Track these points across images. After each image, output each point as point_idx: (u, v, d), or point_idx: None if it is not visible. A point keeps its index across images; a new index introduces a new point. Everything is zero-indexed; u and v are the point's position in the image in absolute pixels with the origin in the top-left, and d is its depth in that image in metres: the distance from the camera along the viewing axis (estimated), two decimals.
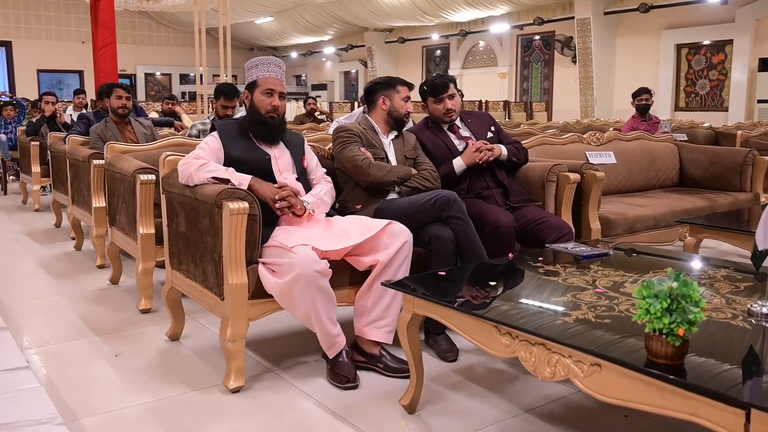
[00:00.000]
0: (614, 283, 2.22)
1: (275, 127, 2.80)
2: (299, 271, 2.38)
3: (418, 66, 17.86)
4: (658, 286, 1.58)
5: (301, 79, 21.95)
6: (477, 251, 2.81)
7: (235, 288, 2.45)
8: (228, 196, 2.44)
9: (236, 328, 2.46)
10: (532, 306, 2.06)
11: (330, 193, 2.93)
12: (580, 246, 2.78)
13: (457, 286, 2.34)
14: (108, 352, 2.89)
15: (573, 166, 3.53)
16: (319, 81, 20.52)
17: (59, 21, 18.42)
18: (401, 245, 2.65)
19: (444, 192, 2.87)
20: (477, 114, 3.60)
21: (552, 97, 15.05)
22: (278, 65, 2.86)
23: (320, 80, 20.62)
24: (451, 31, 16.45)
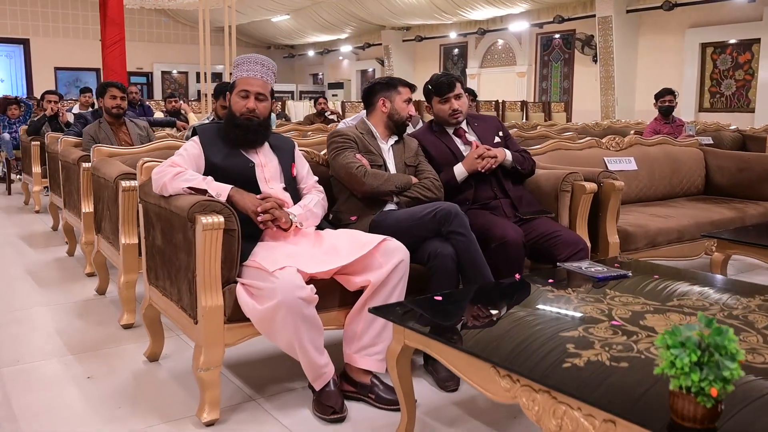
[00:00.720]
0: (633, 314, 1.96)
1: (250, 131, 2.55)
2: (281, 299, 2.14)
3: (435, 65, 17.55)
4: (686, 333, 1.31)
5: (317, 77, 21.75)
6: (480, 270, 2.55)
7: (209, 311, 2.21)
8: (202, 209, 2.20)
9: (210, 356, 2.23)
10: (537, 342, 1.80)
11: (321, 204, 2.68)
12: (595, 265, 2.51)
13: (454, 314, 2.08)
14: (80, 374, 2.68)
15: (589, 174, 3.25)
16: (336, 80, 20.29)
17: (77, 19, 18.36)
18: (396, 265, 2.39)
19: (444, 204, 2.61)
20: (484, 117, 3.33)
21: (572, 98, 14.68)
22: (260, 63, 2.60)
23: (337, 79, 20.39)
24: (469, 29, 16.13)
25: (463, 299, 2.22)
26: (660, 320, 1.91)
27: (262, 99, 2.57)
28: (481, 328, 1.94)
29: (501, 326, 1.96)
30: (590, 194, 3.09)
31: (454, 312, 2.09)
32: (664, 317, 1.93)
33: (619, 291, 2.22)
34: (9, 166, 7.53)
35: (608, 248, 3.23)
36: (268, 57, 2.67)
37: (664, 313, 1.97)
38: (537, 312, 2.05)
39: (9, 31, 17.58)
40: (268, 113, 2.62)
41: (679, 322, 1.89)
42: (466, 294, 2.30)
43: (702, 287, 2.30)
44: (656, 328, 1.84)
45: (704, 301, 2.10)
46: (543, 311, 2.05)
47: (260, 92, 2.56)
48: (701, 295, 2.16)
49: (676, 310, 2.00)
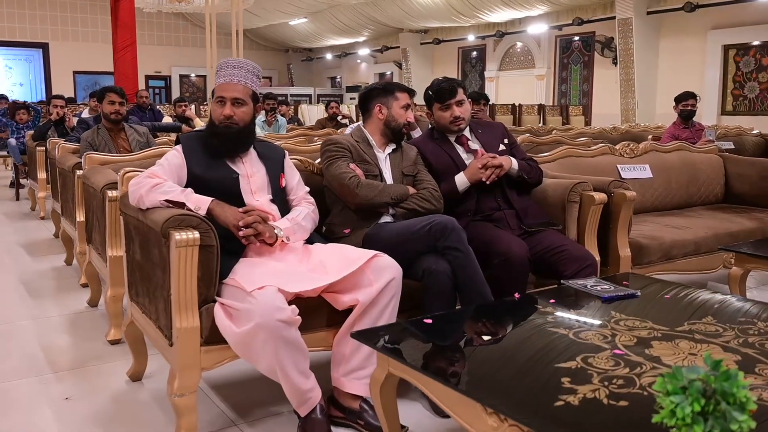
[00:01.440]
0: (638, 341, 1.79)
1: (229, 139, 2.41)
2: (259, 321, 1.99)
3: (453, 67, 17.39)
4: (689, 376, 1.14)
5: (335, 80, 21.68)
6: (478, 288, 2.39)
7: (184, 332, 2.07)
8: (176, 224, 2.07)
9: (185, 380, 2.09)
10: (531, 375, 1.64)
11: (310, 216, 2.54)
12: (602, 283, 2.34)
13: (443, 340, 1.91)
14: (58, 395, 2.55)
15: (599, 183, 3.08)
16: (354, 83, 20.19)
17: (95, 23, 18.46)
18: (386, 283, 2.24)
19: (440, 218, 2.46)
20: (489, 124, 3.17)
21: (591, 101, 14.44)
22: (237, 66, 2.45)
23: (355, 82, 20.29)
24: (487, 32, 15.94)
25: (455, 322, 2.06)
26: (668, 349, 1.74)
27: (240, 104, 2.43)
28: (471, 359, 1.77)
29: (492, 356, 1.80)
30: (599, 205, 2.91)
31: (444, 337, 1.93)
32: (673, 345, 1.76)
33: (626, 313, 2.05)
34: (17, 172, 7.50)
35: (619, 263, 3.05)
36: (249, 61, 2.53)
37: (672, 341, 1.79)
38: (533, 338, 1.89)
39: (28, 36, 17.73)
40: (250, 119, 2.47)
41: (689, 351, 1.72)
42: (459, 316, 2.13)
43: (716, 308, 2.12)
44: (663, 358, 1.67)
45: (717, 325, 1.92)
46: (540, 337, 1.88)
47: (237, 97, 2.42)
48: (715, 318, 1.98)
49: (686, 336, 1.83)
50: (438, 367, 1.71)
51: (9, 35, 17.54)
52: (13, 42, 17.72)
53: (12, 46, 17.87)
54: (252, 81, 2.49)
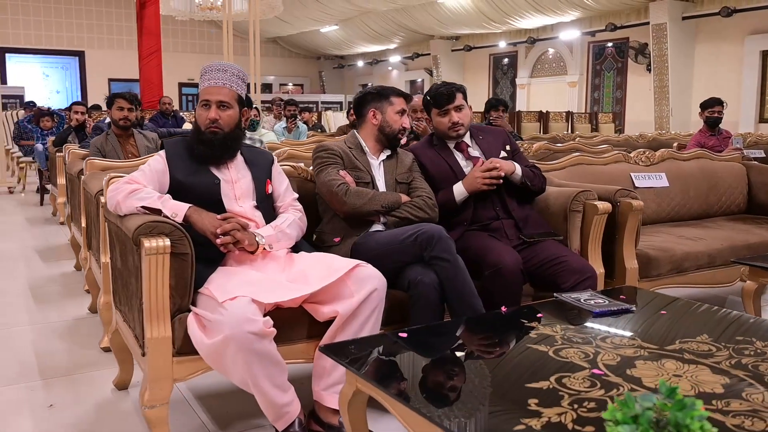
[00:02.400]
0: (621, 360, 1.68)
1: (215, 146, 2.36)
2: (228, 333, 1.93)
3: (485, 75, 17.24)
4: (642, 404, 1.04)
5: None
6: (467, 300, 2.30)
7: (155, 342, 2.02)
8: (148, 231, 2.02)
9: (156, 391, 2.03)
10: (498, 395, 1.54)
11: (297, 224, 2.47)
12: (597, 297, 2.23)
13: (414, 356, 1.82)
14: (42, 402, 2.53)
15: (605, 192, 2.95)
16: None
17: (130, 31, 18.70)
18: (368, 294, 2.16)
19: (427, 226, 2.37)
20: (490, 130, 3.06)
21: (624, 108, 14.14)
22: (222, 69, 2.40)
23: None
24: (518, 38, 15.76)
25: (431, 336, 1.96)
26: (651, 369, 1.62)
27: (225, 107, 2.38)
28: (440, 377, 1.67)
29: (464, 374, 1.70)
30: (603, 215, 2.79)
31: (417, 353, 1.83)
32: (657, 365, 1.64)
33: (615, 329, 1.94)
34: (41, 177, 7.62)
35: (625, 275, 2.92)
36: (234, 64, 2.48)
37: (658, 360, 1.68)
38: (511, 355, 1.79)
39: (65, 44, 18.12)
40: (236, 123, 2.42)
41: (674, 372, 1.61)
42: (437, 330, 2.04)
43: (714, 325, 1.99)
44: (644, 379, 1.56)
45: (711, 344, 1.79)
46: (518, 354, 1.78)
47: (222, 100, 2.37)
48: (710, 337, 1.85)
49: (674, 355, 1.71)
50: (402, 385, 1.62)
51: (46, 43, 17.95)
52: (50, 50, 18.13)
53: (49, 54, 18.29)
54: (237, 85, 2.44)
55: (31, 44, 17.93)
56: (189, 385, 2.63)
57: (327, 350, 1.79)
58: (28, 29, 17.80)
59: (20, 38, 17.76)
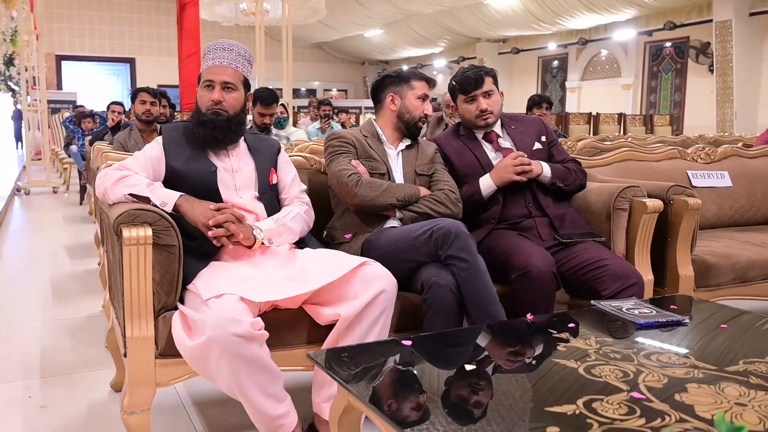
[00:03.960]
0: (669, 382, 1.38)
1: (218, 128, 2.13)
2: (211, 335, 1.71)
3: (533, 78, 16.82)
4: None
5: None
6: (486, 307, 2.02)
7: (136, 343, 1.82)
8: (130, 220, 1.81)
9: (137, 396, 1.83)
10: (511, 423, 1.26)
11: (301, 217, 2.22)
12: (643, 306, 1.92)
13: (417, 369, 1.54)
14: (37, 402, 2.37)
15: (656, 189, 2.63)
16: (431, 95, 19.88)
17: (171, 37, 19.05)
18: (374, 296, 1.91)
19: (443, 222, 2.10)
20: (524, 118, 2.77)
21: (683, 111, 13.53)
22: (228, 48, 2.18)
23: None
24: (569, 39, 15.29)
25: (440, 346, 1.68)
26: (707, 395, 1.32)
27: (230, 89, 2.16)
28: (445, 396, 1.40)
29: (473, 394, 1.42)
30: (653, 214, 2.47)
31: (420, 365, 1.56)
32: (715, 391, 1.34)
33: (664, 345, 1.63)
34: (81, 176, 7.64)
35: (678, 284, 2.58)
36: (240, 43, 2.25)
37: (716, 384, 1.37)
38: (530, 372, 1.51)
39: (117, 51, 18.45)
40: (241, 106, 2.20)
41: (737, 399, 1.30)
42: (447, 339, 1.75)
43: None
44: (697, 407, 1.26)
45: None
46: (541, 371, 1.50)
47: (227, 81, 2.15)
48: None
49: (737, 378, 1.40)
50: (399, 405, 1.35)
51: (99, 51, 18.30)
52: (103, 57, 18.48)
53: (102, 60, 18.64)
54: (243, 66, 2.22)
55: (85, 52, 18.31)
56: (189, 389, 2.43)
57: (315, 357, 1.54)
58: (82, 37, 18.19)
59: (75, 46, 18.16)
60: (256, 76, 7.33)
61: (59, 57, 17.97)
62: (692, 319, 1.86)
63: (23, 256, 5.04)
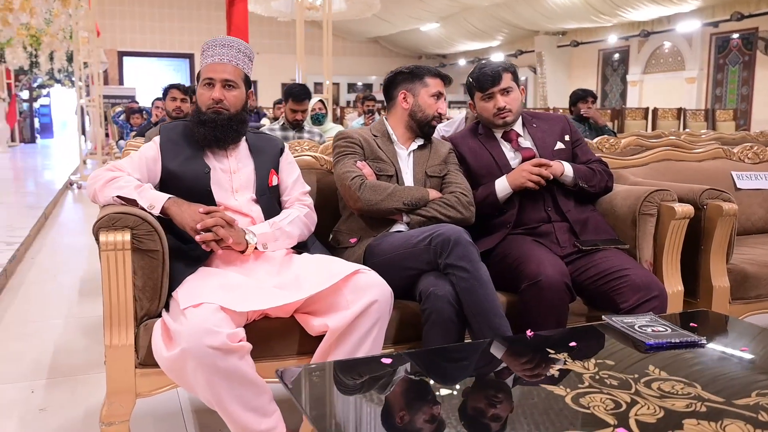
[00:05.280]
0: (665, 416, 1.23)
1: (218, 127, 2.06)
2: (185, 346, 1.63)
3: (593, 71, 16.30)
4: None
5: None
6: (488, 320, 1.88)
7: (115, 351, 1.76)
8: (110, 224, 1.75)
9: (115, 407, 1.77)
10: None
11: (301, 221, 2.13)
12: (659, 322, 1.75)
13: (387, 390, 1.42)
14: (37, 404, 2.36)
15: (688, 192, 2.44)
16: None
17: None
18: (366, 306, 1.80)
19: (444, 228, 1.97)
20: (547, 116, 2.60)
21: (751, 106, 12.85)
22: (228, 45, 2.11)
23: None
24: (630, 31, 14.74)
25: (421, 365, 1.55)
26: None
27: (231, 87, 2.09)
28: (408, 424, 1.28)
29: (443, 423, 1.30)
30: (682, 220, 2.28)
31: (391, 386, 1.44)
32: (715, 429, 1.18)
33: (671, 370, 1.47)
34: None
35: (711, 296, 2.39)
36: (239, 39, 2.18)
37: (719, 420, 1.21)
38: (511, 399, 1.37)
39: (177, 47, 18.81)
40: (242, 104, 2.12)
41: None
42: (433, 356, 1.62)
43: None
44: None
45: None
46: (523, 398, 1.36)
47: (228, 79, 2.08)
48: None
49: (745, 414, 1.23)
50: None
51: (159, 47, 18.70)
52: (163, 53, 18.87)
53: (161, 56, 19.04)
54: (244, 63, 2.15)
55: (146, 48, 18.73)
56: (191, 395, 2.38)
57: (283, 374, 1.43)
58: (143, 33, 18.61)
59: (136, 42, 18.59)
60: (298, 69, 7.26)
61: (121, 53, 18.43)
62: (712, 339, 1.68)
63: (62, 250, 5.13)
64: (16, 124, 16.30)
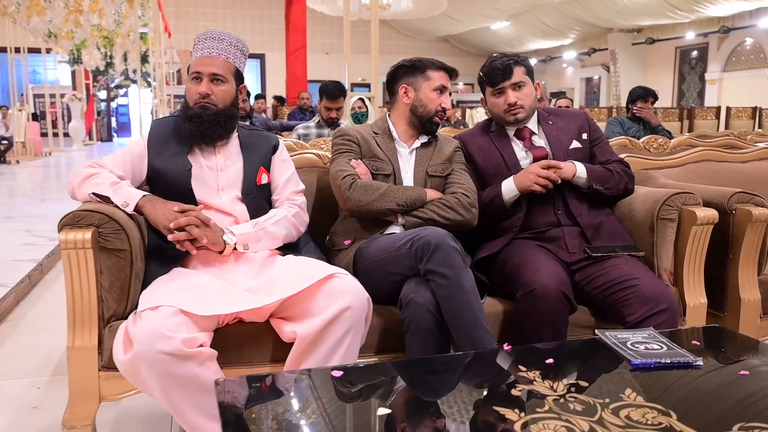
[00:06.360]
0: None
1: (205, 122, 1.99)
2: (137, 351, 1.58)
3: (669, 70, 15.62)
4: None
5: None
6: (469, 330, 1.74)
7: (78, 353, 1.72)
8: (74, 222, 1.72)
9: (78, 410, 1.73)
10: None
11: (287, 221, 2.04)
12: (656, 339, 1.58)
13: (319, 411, 1.30)
14: (32, 402, 2.36)
15: (716, 196, 2.22)
16: (559, 88, 19.09)
17: None
18: (337, 313, 1.70)
19: (427, 231, 1.84)
20: (564, 113, 2.41)
21: None
22: (217, 38, 2.03)
23: (560, 87, 19.18)
24: (709, 27, 14.05)
25: (371, 379, 1.42)
26: None
27: (219, 81, 2.02)
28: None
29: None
30: (704, 226, 2.07)
31: (330, 405, 1.32)
32: None
33: (650, 394, 1.30)
34: None
35: (739, 309, 2.16)
36: (232, 33, 2.11)
37: None
38: (452, 424, 1.23)
39: (249, 47, 19.21)
40: (231, 100, 2.05)
41: None
42: (386, 370, 1.48)
43: None
44: None
45: None
46: (463, 422, 1.23)
47: (216, 73, 2.01)
48: None
49: None
50: None
51: None
52: None
53: None
54: (234, 56, 2.08)
55: None
56: None
57: (222, 383, 1.34)
58: None
59: None
60: (346, 67, 7.21)
61: None
62: (712, 360, 1.49)
63: None
64: (94, 123, 16.98)
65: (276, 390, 1.35)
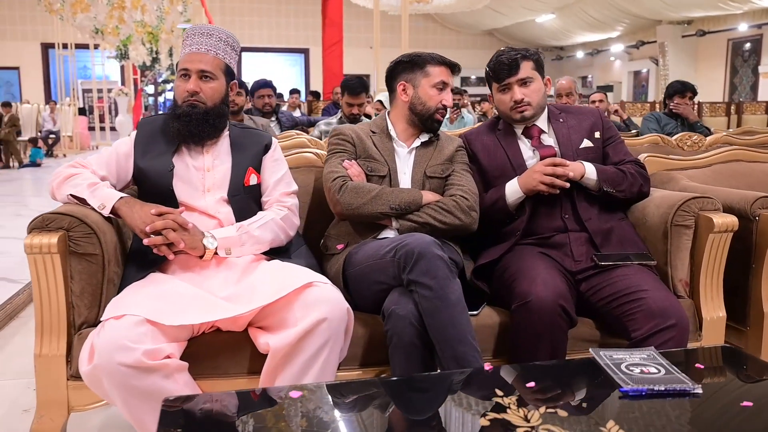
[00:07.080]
0: None
1: (192, 121, 1.90)
2: (97, 362, 1.51)
3: (721, 63, 15.01)
4: None
5: (586, 80, 20.18)
6: (453, 346, 1.63)
7: (45, 361, 1.67)
8: (43, 225, 1.66)
9: (45, 420, 1.68)
10: None
11: (275, 224, 1.93)
12: (655, 362, 1.43)
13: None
14: (24, 404, 2.32)
15: (739, 201, 2.05)
16: (606, 82, 18.59)
17: (349, 28, 19.33)
18: (313, 325, 1.60)
19: (411, 238, 1.73)
20: (577, 110, 2.25)
21: None
22: (207, 34, 1.94)
23: (607, 81, 18.67)
24: (763, 19, 13.42)
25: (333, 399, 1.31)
26: None
27: (208, 78, 1.93)
28: None
29: None
30: (723, 233, 1.90)
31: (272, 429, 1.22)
32: None
33: (635, 427, 1.17)
34: None
35: (763, 322, 1.98)
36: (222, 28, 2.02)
37: None
38: None
39: (292, 42, 19.30)
40: (221, 97, 1.97)
41: None
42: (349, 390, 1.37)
43: None
44: None
45: None
46: None
47: (204, 70, 1.92)
48: None
49: None
50: None
51: (276, 42, 19.24)
52: (280, 48, 19.41)
53: (279, 51, 19.61)
54: (225, 52, 1.99)
55: (263, 43, 19.32)
56: None
57: (169, 403, 1.26)
58: (261, 29, 19.21)
59: (254, 38, 19.21)
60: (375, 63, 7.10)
61: None
62: (713, 387, 1.34)
63: None
64: (141, 117, 17.28)
65: (225, 415, 1.26)
